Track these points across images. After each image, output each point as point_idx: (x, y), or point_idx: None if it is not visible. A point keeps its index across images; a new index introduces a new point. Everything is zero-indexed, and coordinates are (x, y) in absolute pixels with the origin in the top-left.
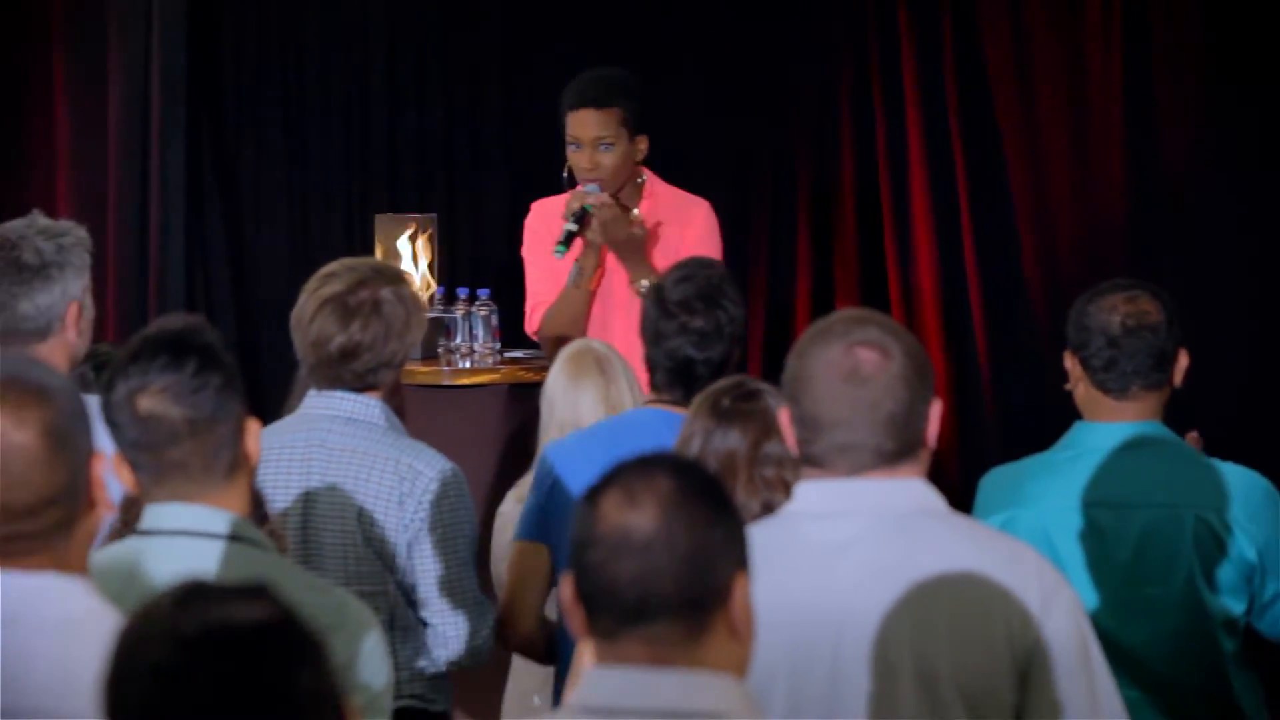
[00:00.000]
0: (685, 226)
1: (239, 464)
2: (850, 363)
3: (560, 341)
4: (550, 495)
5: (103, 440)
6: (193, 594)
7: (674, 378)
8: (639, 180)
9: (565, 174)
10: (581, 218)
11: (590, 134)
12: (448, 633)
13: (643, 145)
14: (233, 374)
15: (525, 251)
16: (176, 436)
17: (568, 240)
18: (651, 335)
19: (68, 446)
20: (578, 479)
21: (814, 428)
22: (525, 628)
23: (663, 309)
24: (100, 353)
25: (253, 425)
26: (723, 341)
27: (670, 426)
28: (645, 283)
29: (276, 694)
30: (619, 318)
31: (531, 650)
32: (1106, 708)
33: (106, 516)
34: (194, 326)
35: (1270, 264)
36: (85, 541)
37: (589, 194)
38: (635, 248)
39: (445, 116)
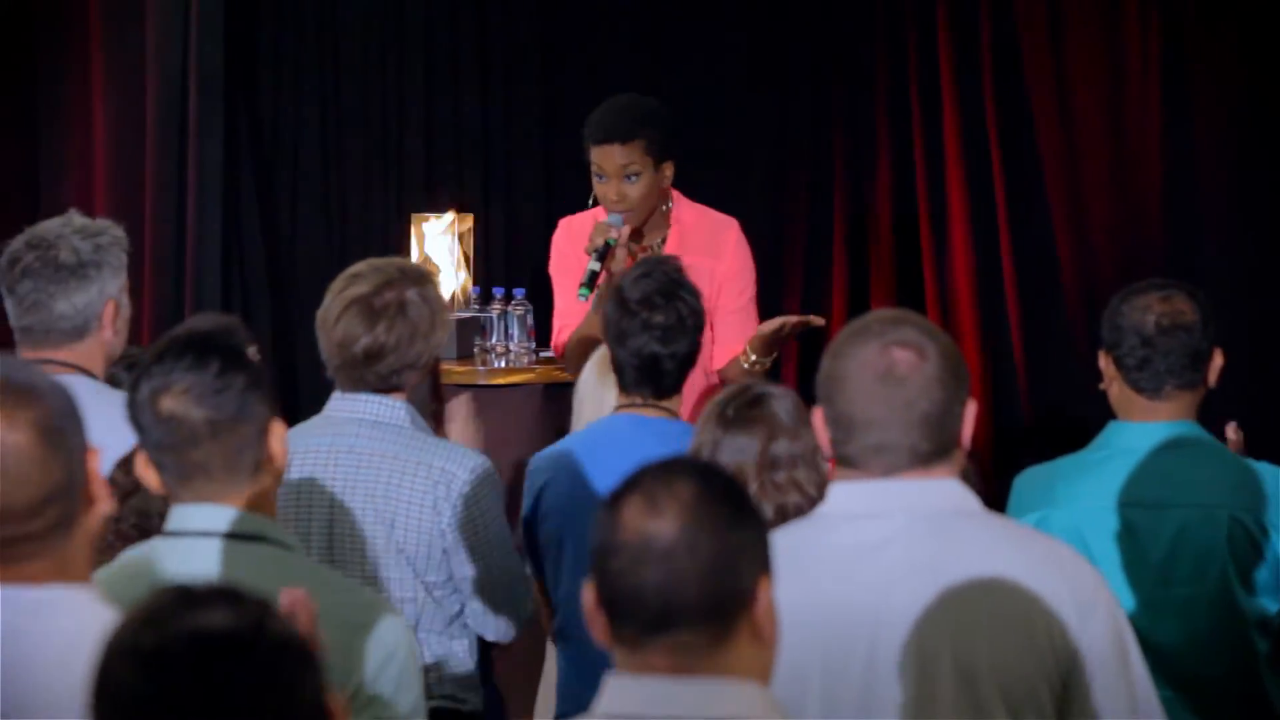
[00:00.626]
0: (717, 259)
1: (263, 465)
2: (885, 363)
3: (584, 363)
4: (534, 511)
5: (99, 435)
6: (160, 605)
7: (642, 375)
8: (665, 207)
9: (591, 203)
10: (604, 253)
11: (614, 167)
12: (498, 622)
13: (669, 171)
14: (259, 375)
15: (552, 269)
16: (198, 437)
17: (590, 281)
18: (615, 335)
19: (61, 444)
20: (554, 490)
21: (848, 428)
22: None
23: (624, 308)
24: (133, 355)
25: (278, 427)
26: (686, 335)
27: (642, 429)
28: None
29: (244, 701)
30: None
31: None
32: (1145, 709)
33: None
34: (222, 327)
35: None
36: (86, 541)
37: (611, 226)
38: None
39: (482, 116)
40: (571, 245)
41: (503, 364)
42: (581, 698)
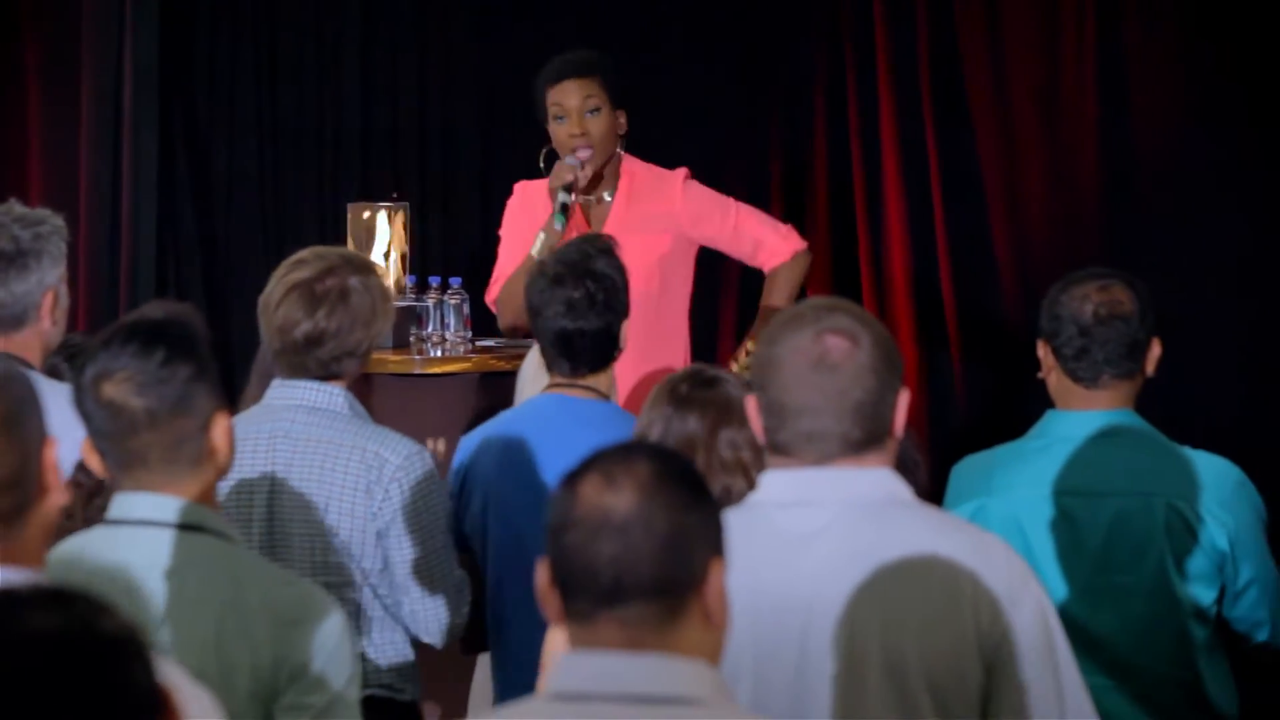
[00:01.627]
0: (670, 203)
1: (204, 458)
2: (819, 350)
3: (515, 311)
4: (460, 493)
5: (56, 425)
6: None
7: (556, 351)
8: (618, 158)
9: (542, 160)
10: (571, 186)
11: (575, 102)
12: (429, 615)
13: (622, 119)
14: (205, 367)
15: (502, 230)
16: (136, 426)
17: (565, 210)
18: (530, 309)
19: (16, 432)
20: (480, 469)
21: (781, 415)
22: (476, 634)
23: (540, 283)
24: (73, 343)
25: (222, 421)
26: (596, 310)
27: (565, 409)
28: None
29: (70, 702)
30: None
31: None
32: (1071, 699)
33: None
34: (175, 316)
35: (1247, 251)
36: (40, 531)
37: (572, 166)
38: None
39: (418, 106)
40: (525, 209)
41: (439, 353)
42: (517, 681)
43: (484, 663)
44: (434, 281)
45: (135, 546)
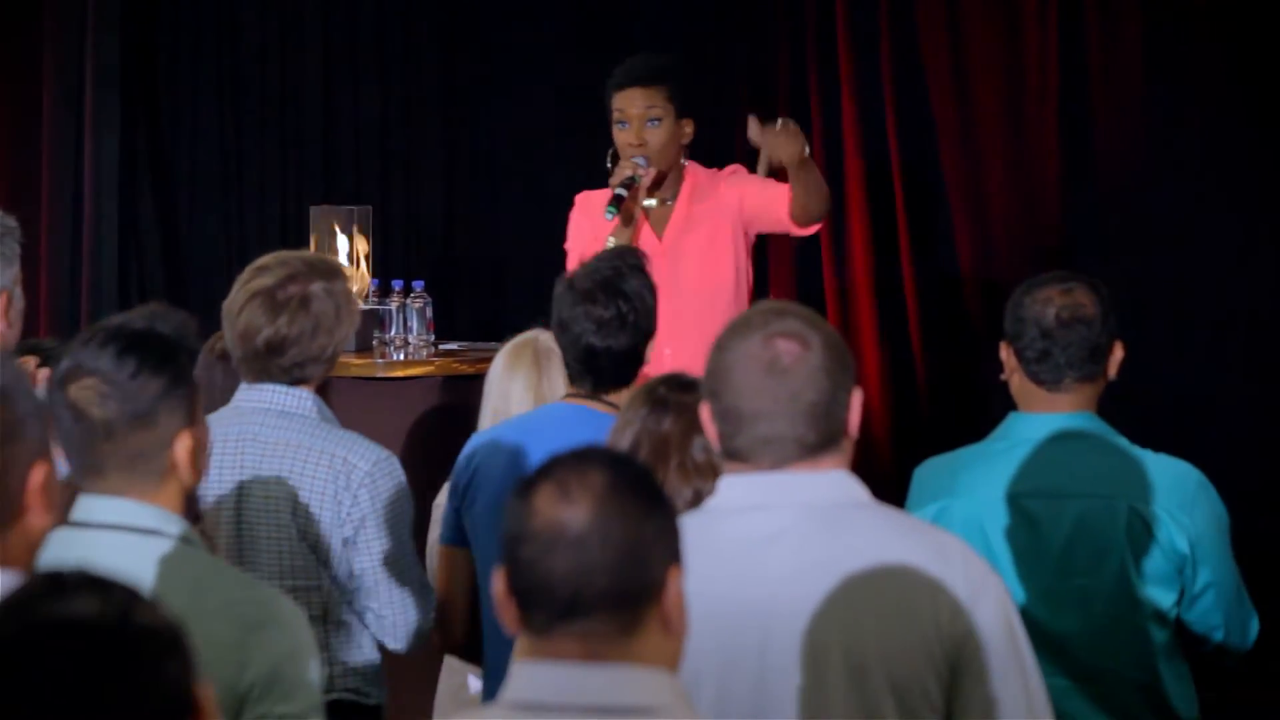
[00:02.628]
0: (719, 194)
1: (166, 472)
2: (770, 354)
3: None
4: (465, 493)
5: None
6: (26, 593)
7: (581, 367)
8: (683, 164)
9: (609, 160)
10: (629, 184)
11: (637, 110)
12: (396, 620)
13: (688, 128)
14: (178, 382)
15: (568, 244)
16: (94, 435)
17: (617, 202)
18: (558, 323)
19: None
20: (490, 473)
21: (735, 421)
22: (458, 632)
23: (569, 297)
24: (44, 347)
25: (187, 439)
26: (626, 330)
27: (583, 420)
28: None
29: (105, 690)
30: (661, 283)
31: (467, 653)
32: (1034, 700)
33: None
34: (161, 326)
35: (1209, 254)
36: (19, 551)
37: (637, 164)
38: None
39: (381, 109)
40: (587, 219)
41: (401, 356)
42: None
43: (450, 667)
44: (397, 285)
45: (95, 549)
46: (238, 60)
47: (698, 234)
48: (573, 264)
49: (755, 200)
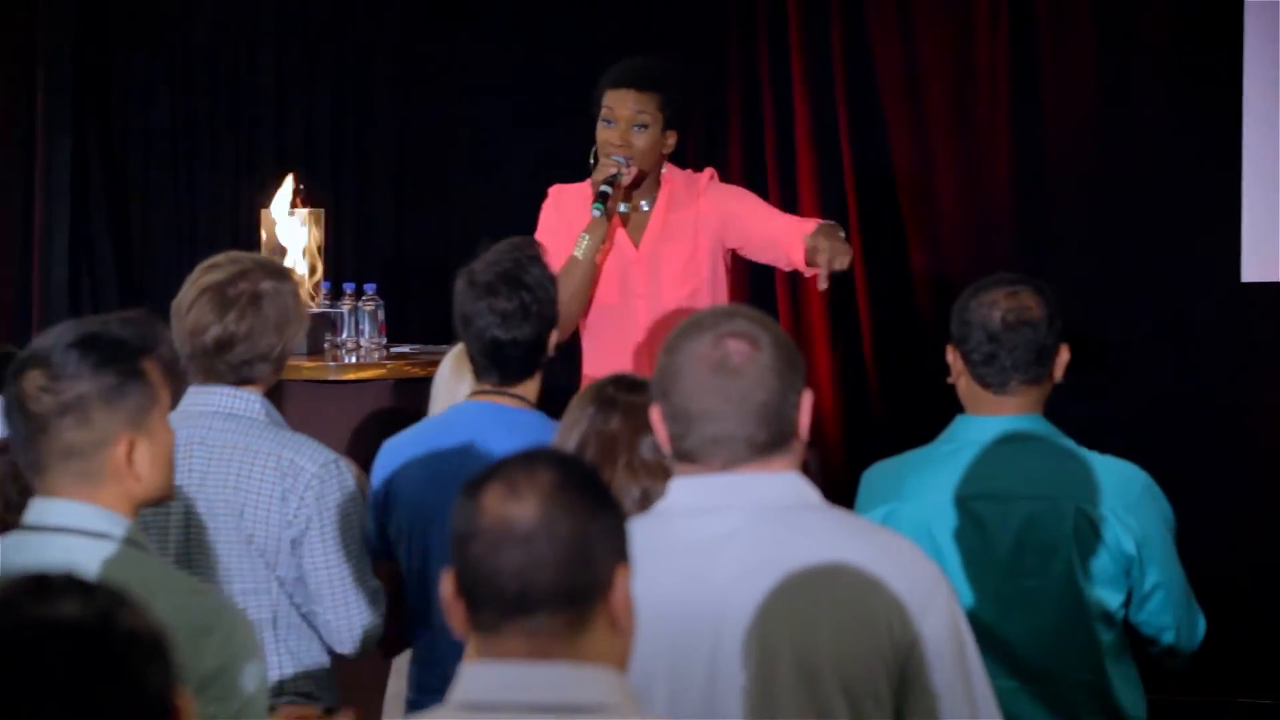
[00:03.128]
0: (696, 202)
1: (107, 476)
2: (719, 354)
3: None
4: (385, 504)
5: None
6: (9, 594)
7: (487, 360)
8: (661, 170)
9: (592, 157)
10: (612, 181)
11: (626, 112)
12: (341, 625)
13: (671, 140)
14: (125, 386)
15: (538, 234)
16: (32, 429)
17: (603, 199)
18: (461, 318)
19: None
20: (405, 479)
21: (685, 421)
22: (397, 639)
23: (470, 292)
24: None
25: (124, 444)
26: (530, 321)
27: (489, 417)
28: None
29: (86, 692)
30: (638, 291)
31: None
32: (981, 701)
33: None
34: (128, 330)
35: (1160, 256)
36: None
37: (618, 163)
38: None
39: (333, 112)
40: (559, 214)
41: (354, 359)
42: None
43: (399, 671)
44: (348, 288)
45: (45, 553)
46: (190, 63)
47: (678, 244)
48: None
49: (754, 232)
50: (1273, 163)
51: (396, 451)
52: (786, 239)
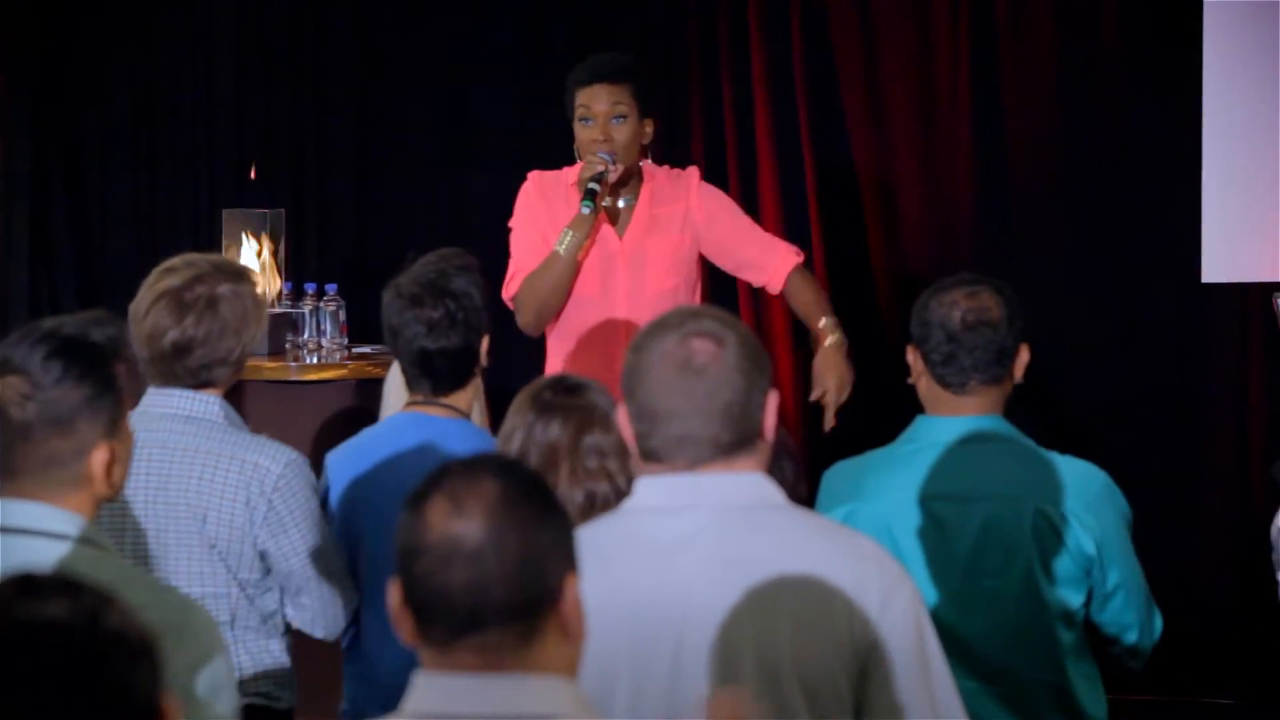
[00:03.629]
0: (683, 200)
1: (81, 481)
2: (684, 353)
3: (538, 309)
4: (322, 507)
5: None
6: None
7: (417, 370)
8: (640, 164)
9: (576, 154)
10: (600, 178)
11: (603, 107)
12: (327, 611)
13: (649, 129)
14: (104, 392)
15: (514, 221)
16: (10, 435)
17: (591, 195)
18: (389, 330)
19: None
20: (335, 488)
21: (650, 420)
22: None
23: (398, 304)
24: None
25: (103, 452)
26: (457, 329)
27: (421, 427)
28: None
29: (71, 694)
30: (620, 284)
31: None
32: (943, 701)
33: None
34: (96, 333)
35: (1120, 256)
36: None
37: (604, 159)
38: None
39: (293, 112)
40: (541, 198)
41: (315, 360)
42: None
43: None
44: (310, 288)
45: (9, 554)
46: (150, 62)
47: (663, 239)
48: (517, 243)
49: (735, 248)
50: (1232, 164)
51: (333, 462)
52: (771, 270)
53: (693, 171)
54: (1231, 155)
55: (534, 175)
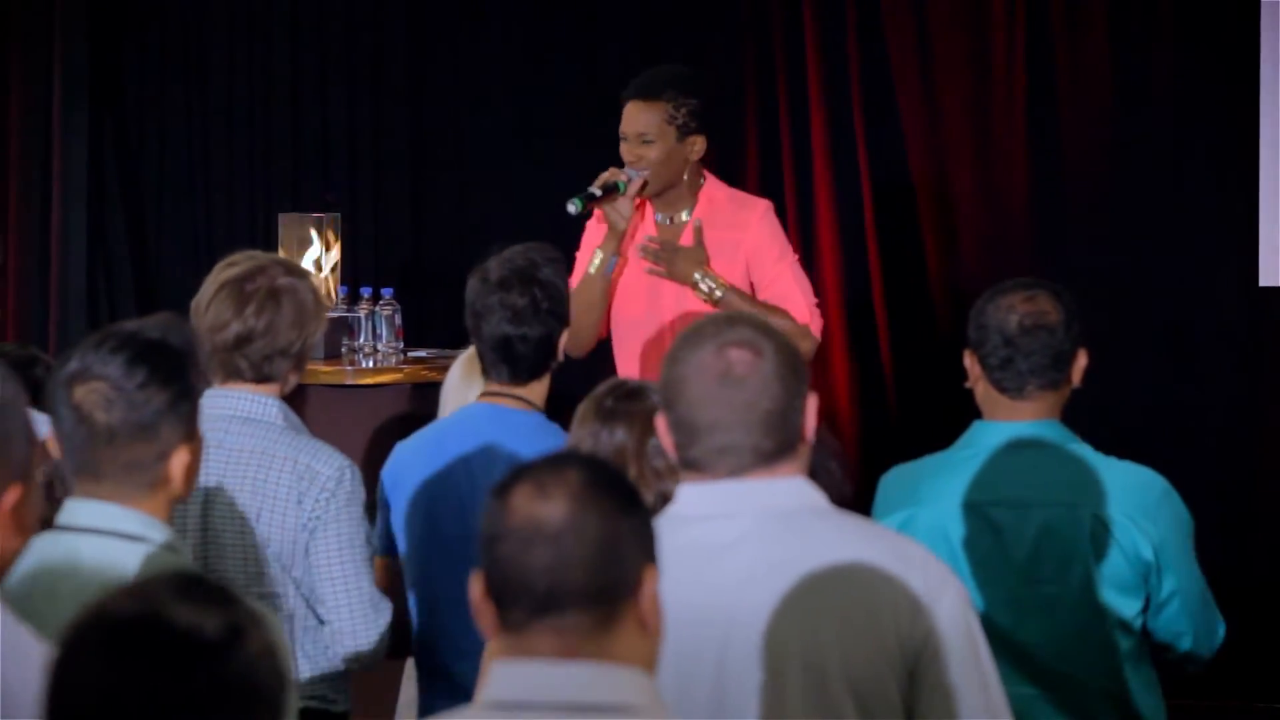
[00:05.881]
0: (743, 232)
1: (159, 483)
2: (723, 364)
3: (573, 329)
4: (389, 500)
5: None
6: (150, 594)
7: (497, 357)
8: (699, 181)
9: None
10: (609, 189)
11: (632, 128)
12: (344, 629)
13: (698, 145)
14: (184, 396)
15: (578, 253)
16: (95, 440)
17: (586, 199)
18: (472, 314)
19: None
20: (406, 477)
21: (691, 431)
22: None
23: (482, 288)
24: (5, 351)
25: (183, 453)
26: (540, 318)
27: (495, 420)
28: (704, 284)
29: (215, 705)
30: (668, 306)
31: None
32: (993, 703)
33: None
34: (171, 337)
35: (1177, 261)
36: None
37: (628, 174)
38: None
39: (349, 115)
40: (598, 232)
41: (371, 364)
42: (444, 689)
43: (410, 673)
44: (365, 292)
45: (78, 553)
46: (205, 68)
47: (715, 262)
48: (575, 273)
49: (758, 274)
50: None
51: (404, 452)
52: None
53: (760, 204)
54: None
55: (598, 213)
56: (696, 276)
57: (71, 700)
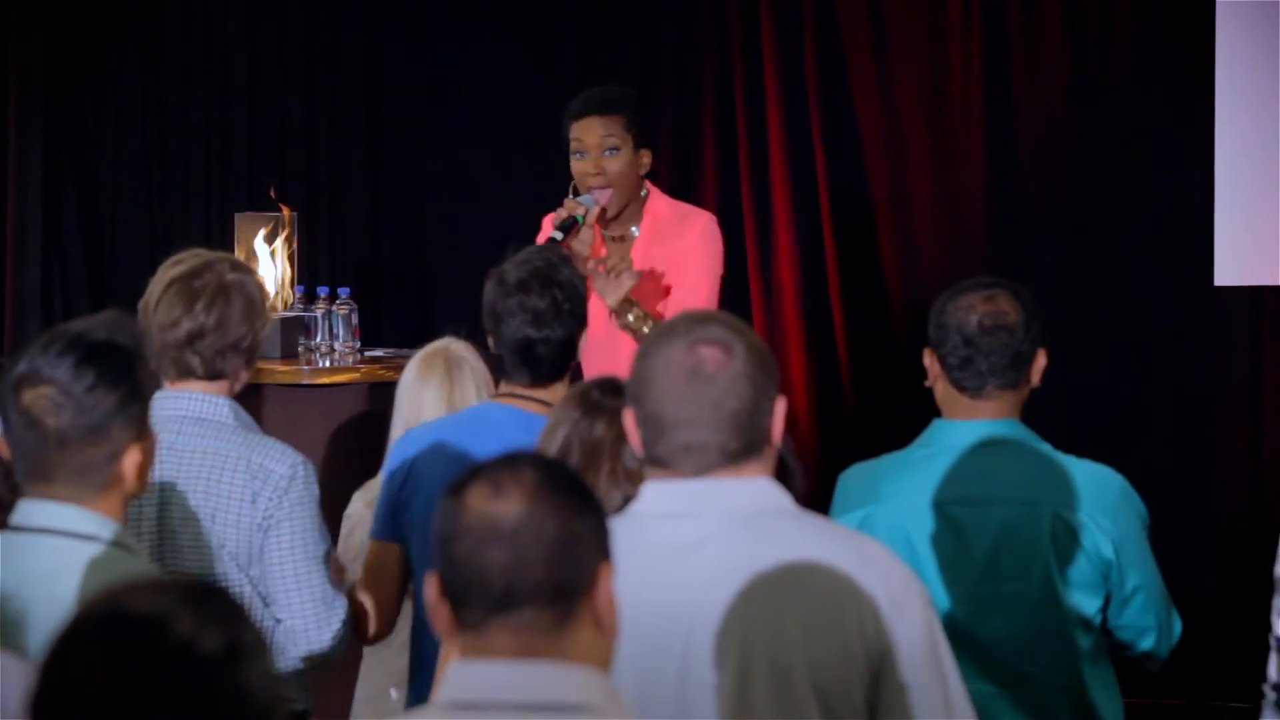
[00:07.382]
0: (686, 241)
1: (112, 483)
2: (692, 361)
3: None
4: (401, 489)
5: None
6: (153, 597)
7: (518, 359)
8: (642, 194)
9: (571, 193)
10: (569, 227)
11: (595, 140)
12: (298, 628)
13: (646, 159)
14: (133, 395)
15: None
16: (45, 443)
17: (557, 241)
18: (492, 318)
19: None
20: (428, 473)
21: (658, 428)
22: (383, 624)
23: (501, 290)
24: None
25: (135, 452)
26: (562, 320)
27: (513, 420)
28: (630, 316)
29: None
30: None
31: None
32: (957, 705)
33: None
34: (119, 337)
35: (1134, 263)
36: None
37: (581, 204)
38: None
39: (306, 115)
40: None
41: (327, 363)
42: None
43: (368, 671)
44: (322, 292)
45: (30, 553)
46: (162, 66)
47: (654, 280)
48: None
49: (673, 280)
50: (1245, 166)
51: (419, 443)
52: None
53: (702, 217)
54: (1244, 158)
55: (547, 219)
56: (620, 308)
57: (58, 692)
